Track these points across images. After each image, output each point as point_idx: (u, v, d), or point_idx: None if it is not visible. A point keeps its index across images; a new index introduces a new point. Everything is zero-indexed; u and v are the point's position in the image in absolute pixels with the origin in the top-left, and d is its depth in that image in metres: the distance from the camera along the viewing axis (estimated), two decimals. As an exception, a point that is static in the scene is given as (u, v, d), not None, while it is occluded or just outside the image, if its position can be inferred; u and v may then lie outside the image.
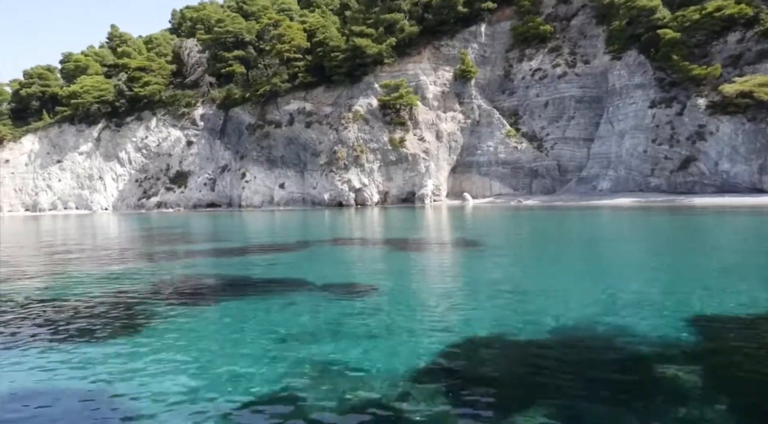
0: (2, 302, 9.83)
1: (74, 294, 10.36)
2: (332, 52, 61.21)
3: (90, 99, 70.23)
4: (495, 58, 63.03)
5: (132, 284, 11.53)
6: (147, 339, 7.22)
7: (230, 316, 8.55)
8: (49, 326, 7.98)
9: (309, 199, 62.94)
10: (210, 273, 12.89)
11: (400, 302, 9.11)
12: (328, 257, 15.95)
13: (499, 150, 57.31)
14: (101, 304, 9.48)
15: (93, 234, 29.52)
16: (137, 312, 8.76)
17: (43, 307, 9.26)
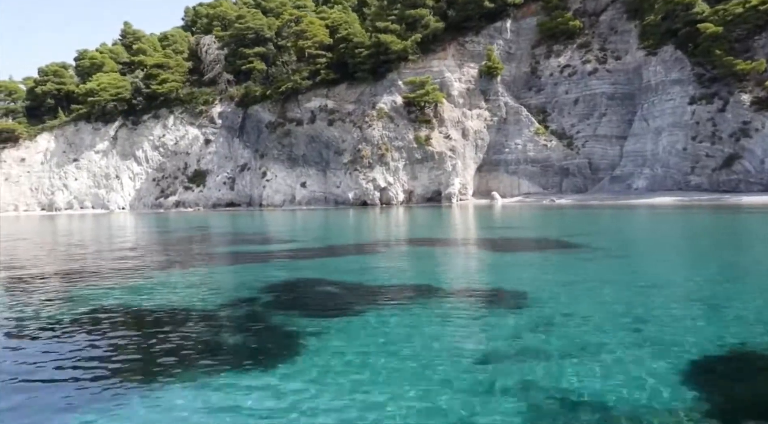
0: (98, 317, 8.70)
1: (185, 307, 9.21)
2: (356, 49, 60.07)
3: (107, 97, 69.18)
4: (520, 54, 61.86)
5: (236, 291, 10.41)
6: (294, 365, 5.89)
7: (379, 330, 7.30)
8: (175, 356, 6.33)
9: (331, 199, 61.82)
10: (313, 278, 11.75)
11: (569, 312, 7.95)
12: (426, 259, 14.79)
13: (528, 148, 56.13)
14: (216, 317, 8.33)
15: (134, 234, 28.43)
16: (263, 329, 7.53)
17: (158, 328, 8.03)
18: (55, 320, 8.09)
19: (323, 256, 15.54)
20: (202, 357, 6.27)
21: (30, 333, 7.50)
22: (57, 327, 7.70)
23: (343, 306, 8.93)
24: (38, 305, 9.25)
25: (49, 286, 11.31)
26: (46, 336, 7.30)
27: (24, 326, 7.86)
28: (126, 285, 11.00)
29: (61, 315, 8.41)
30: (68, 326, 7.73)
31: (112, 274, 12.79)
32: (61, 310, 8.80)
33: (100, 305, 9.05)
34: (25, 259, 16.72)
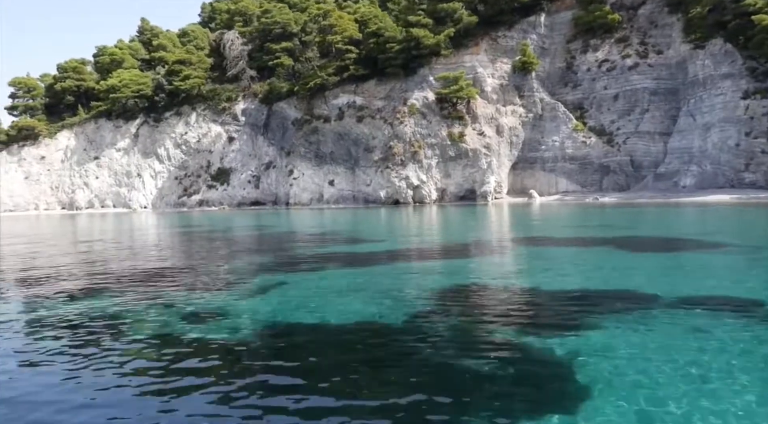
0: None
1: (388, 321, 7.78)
2: (387, 43, 58.60)
3: (128, 93, 67.82)
4: (554, 49, 60.41)
5: (419, 299, 8.98)
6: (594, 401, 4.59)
7: (658, 345, 5.93)
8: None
9: (360, 197, 60.39)
10: (483, 283, 10.31)
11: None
12: (588, 260, 13.37)
13: (566, 145, 54.67)
14: (437, 335, 6.91)
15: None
16: (515, 356, 6.16)
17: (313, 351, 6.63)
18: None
19: (449, 257, 14.10)
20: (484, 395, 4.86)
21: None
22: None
23: (574, 317, 7.49)
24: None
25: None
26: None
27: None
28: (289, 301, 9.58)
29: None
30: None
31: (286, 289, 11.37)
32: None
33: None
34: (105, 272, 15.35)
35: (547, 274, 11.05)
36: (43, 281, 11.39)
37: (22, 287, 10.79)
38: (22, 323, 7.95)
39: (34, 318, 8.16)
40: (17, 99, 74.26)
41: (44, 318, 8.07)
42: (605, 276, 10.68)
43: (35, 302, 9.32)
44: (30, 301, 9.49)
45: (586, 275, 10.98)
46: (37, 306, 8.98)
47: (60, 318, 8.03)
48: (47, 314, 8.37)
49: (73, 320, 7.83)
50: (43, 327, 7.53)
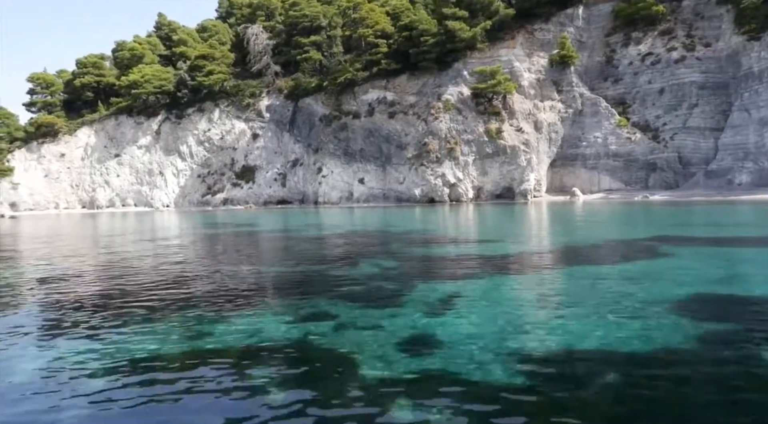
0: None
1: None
2: (421, 37, 56.72)
3: (151, 89, 66.04)
4: (592, 43, 58.52)
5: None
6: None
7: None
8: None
9: (392, 196, 58.54)
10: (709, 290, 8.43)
11: None
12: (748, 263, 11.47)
13: (609, 141, 52.79)
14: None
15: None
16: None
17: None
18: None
19: (616, 261, 12.22)
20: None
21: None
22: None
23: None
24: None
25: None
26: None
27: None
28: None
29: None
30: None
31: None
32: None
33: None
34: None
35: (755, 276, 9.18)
36: (64, 286, 9.66)
37: (42, 295, 9.04)
38: (40, 330, 6.94)
39: (54, 325, 7.08)
40: (35, 95, 72.54)
41: (64, 325, 7.07)
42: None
43: (56, 310, 7.69)
44: (51, 308, 7.81)
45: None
46: (61, 314, 7.52)
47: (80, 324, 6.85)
48: (69, 321, 7.05)
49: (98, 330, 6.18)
50: (62, 335, 6.51)
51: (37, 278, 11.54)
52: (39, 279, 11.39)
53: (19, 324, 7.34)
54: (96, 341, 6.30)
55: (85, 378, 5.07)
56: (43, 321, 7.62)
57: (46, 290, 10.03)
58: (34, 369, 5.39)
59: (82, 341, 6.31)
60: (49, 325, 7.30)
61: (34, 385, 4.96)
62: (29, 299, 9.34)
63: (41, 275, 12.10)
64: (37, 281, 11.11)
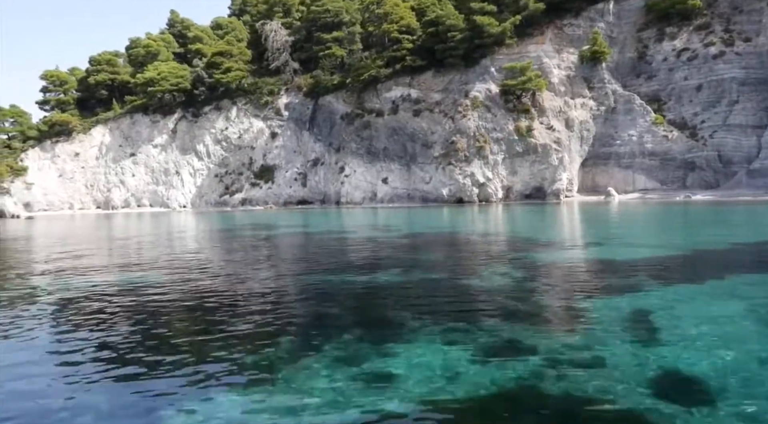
0: None
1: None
2: (448, 32, 55.09)
3: (167, 86, 64.43)
4: (623, 38, 56.87)
5: None
6: None
7: None
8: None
9: (417, 196, 56.92)
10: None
11: None
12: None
13: (645, 140, 51.12)
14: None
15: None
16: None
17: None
18: None
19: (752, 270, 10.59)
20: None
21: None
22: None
23: None
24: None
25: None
26: None
27: None
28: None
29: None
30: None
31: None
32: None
33: None
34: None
35: None
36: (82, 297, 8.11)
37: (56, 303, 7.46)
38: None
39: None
40: (48, 93, 70.95)
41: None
42: None
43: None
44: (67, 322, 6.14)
45: None
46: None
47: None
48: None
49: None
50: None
51: (66, 291, 9.95)
52: (68, 293, 9.79)
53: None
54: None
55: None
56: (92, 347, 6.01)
57: (76, 303, 8.43)
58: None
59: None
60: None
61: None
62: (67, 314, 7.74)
63: (73, 285, 10.49)
64: (64, 294, 9.52)
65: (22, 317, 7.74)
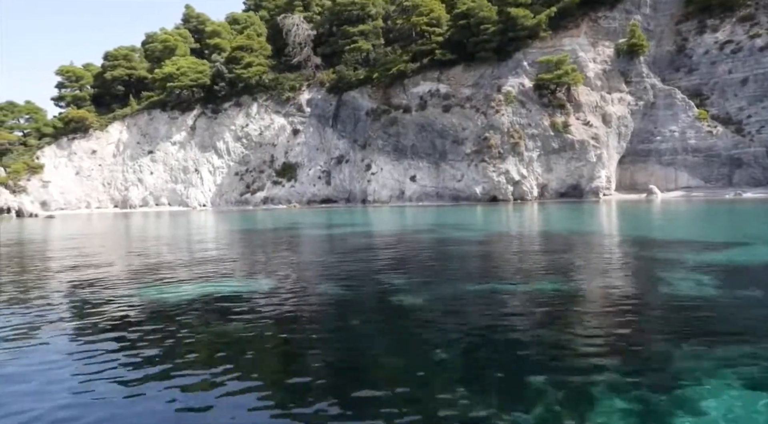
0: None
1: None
2: (480, 25, 53.23)
3: (187, 82, 62.64)
4: (660, 31, 54.95)
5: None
6: None
7: None
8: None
9: (447, 194, 55.07)
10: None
11: None
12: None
13: (688, 136, 49.19)
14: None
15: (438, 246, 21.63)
16: None
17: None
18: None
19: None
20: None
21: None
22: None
23: None
24: None
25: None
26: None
27: None
28: None
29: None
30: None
31: None
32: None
33: None
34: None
35: None
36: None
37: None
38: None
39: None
40: (64, 89, 69.21)
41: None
42: None
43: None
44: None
45: None
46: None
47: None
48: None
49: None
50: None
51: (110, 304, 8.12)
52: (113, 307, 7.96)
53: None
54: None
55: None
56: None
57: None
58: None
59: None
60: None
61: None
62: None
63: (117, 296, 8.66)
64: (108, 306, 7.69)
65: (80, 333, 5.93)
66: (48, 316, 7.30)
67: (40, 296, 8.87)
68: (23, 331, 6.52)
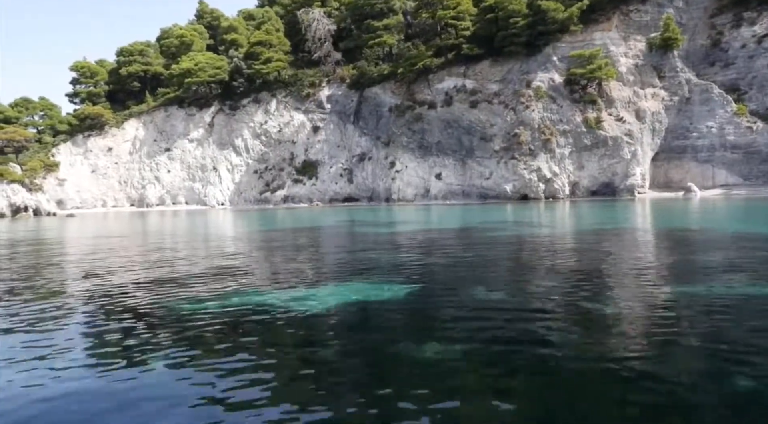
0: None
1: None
2: (510, 18, 51.81)
3: (205, 77, 61.26)
4: (694, 24, 53.57)
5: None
6: None
7: None
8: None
9: (474, 192, 53.69)
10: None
11: None
12: None
13: (726, 132, 47.76)
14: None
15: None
16: None
17: None
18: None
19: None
20: None
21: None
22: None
23: None
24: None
25: None
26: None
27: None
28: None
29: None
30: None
31: None
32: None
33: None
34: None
35: None
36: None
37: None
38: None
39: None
40: (79, 85, 67.84)
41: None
42: None
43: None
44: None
45: None
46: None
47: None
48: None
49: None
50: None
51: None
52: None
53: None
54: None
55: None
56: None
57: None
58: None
59: None
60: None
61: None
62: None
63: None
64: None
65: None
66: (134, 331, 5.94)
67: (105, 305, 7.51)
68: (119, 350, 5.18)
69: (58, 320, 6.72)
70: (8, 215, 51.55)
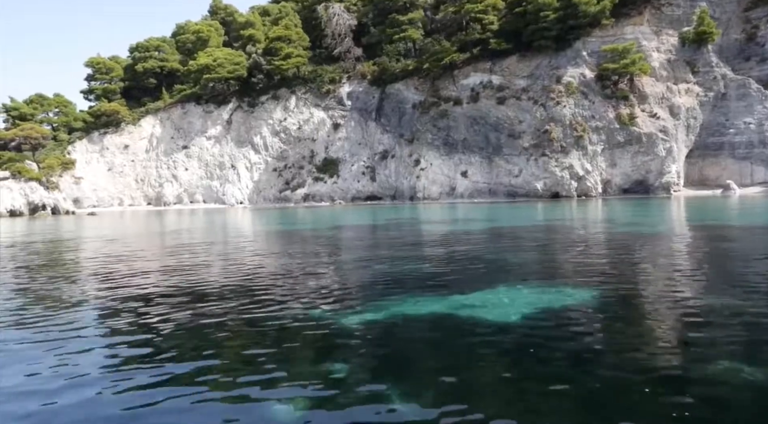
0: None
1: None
2: (540, 12, 50.50)
3: (224, 73, 59.97)
4: (727, 19, 52.22)
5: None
6: None
7: None
8: None
9: (501, 190, 52.40)
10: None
11: None
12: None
13: (765, 128, 46.49)
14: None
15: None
16: None
17: None
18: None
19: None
20: None
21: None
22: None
23: None
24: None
25: None
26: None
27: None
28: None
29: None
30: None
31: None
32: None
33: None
34: None
35: None
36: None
37: None
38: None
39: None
40: (94, 81, 66.54)
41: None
42: None
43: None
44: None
45: None
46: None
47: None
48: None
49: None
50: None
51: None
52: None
53: None
54: None
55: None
56: None
57: None
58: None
59: None
60: None
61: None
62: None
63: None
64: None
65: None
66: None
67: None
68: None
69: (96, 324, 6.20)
70: (26, 213, 50.33)
